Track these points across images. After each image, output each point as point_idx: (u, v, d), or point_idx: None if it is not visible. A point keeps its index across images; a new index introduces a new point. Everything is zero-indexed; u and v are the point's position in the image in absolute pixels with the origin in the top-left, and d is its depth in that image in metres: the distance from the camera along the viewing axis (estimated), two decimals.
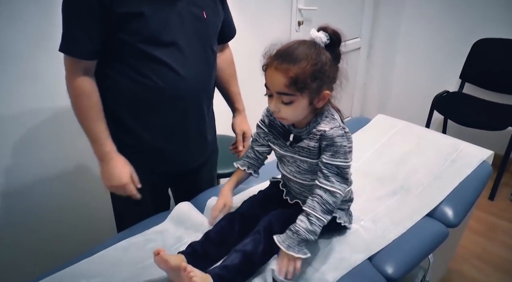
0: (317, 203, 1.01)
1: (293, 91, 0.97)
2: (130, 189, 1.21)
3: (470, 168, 1.51)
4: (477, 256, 2.13)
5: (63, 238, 1.78)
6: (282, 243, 1.00)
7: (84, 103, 1.13)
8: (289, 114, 1.02)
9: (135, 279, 1.03)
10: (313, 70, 0.96)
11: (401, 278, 1.14)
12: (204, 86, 1.27)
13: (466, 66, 2.81)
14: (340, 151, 1.02)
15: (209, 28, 1.23)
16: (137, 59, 1.12)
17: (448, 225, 1.33)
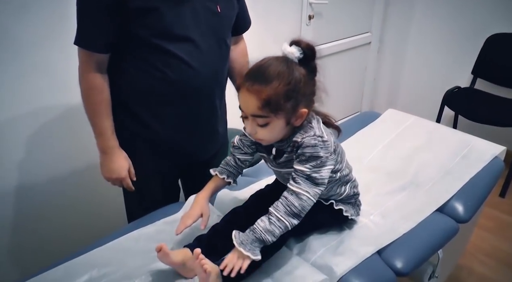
0: (281, 204, 0.97)
1: (267, 113, 0.93)
2: (127, 182, 1.28)
3: (482, 163, 1.50)
4: (487, 253, 2.12)
5: (76, 227, 1.80)
6: (237, 238, 0.96)
7: (94, 98, 1.17)
8: (266, 135, 0.99)
9: (146, 268, 1.04)
10: (286, 90, 0.92)
11: (410, 273, 1.13)
12: (217, 80, 1.28)
13: (478, 61, 2.78)
14: (309, 160, 0.97)
15: (223, 22, 1.23)
16: (151, 53, 1.14)
17: (459, 221, 1.32)
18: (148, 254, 1.08)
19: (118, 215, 1.56)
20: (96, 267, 1.04)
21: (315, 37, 2.63)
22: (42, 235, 1.74)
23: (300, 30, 2.48)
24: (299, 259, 1.09)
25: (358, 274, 1.05)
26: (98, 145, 1.23)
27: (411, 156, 1.57)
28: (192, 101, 1.23)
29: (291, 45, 0.94)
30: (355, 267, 1.06)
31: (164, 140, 1.28)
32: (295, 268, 1.05)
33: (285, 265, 1.06)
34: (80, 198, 1.81)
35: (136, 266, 1.05)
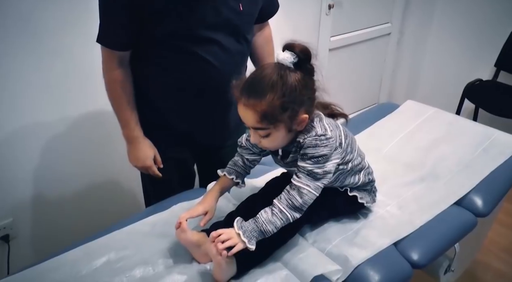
0: (284, 197, 0.98)
1: (267, 125, 0.94)
2: (153, 170, 1.31)
3: (503, 157, 1.46)
4: (505, 249, 2.09)
5: (96, 212, 1.84)
6: (238, 223, 0.97)
7: (117, 92, 1.21)
8: (270, 144, 1.00)
9: (162, 252, 1.05)
10: (282, 102, 0.91)
11: (426, 265, 1.13)
12: (235, 74, 1.26)
13: (502, 53, 2.70)
14: (311, 158, 0.97)
15: (244, 19, 1.23)
16: (174, 54, 1.17)
17: (477, 214, 1.30)
18: (164, 239, 1.10)
19: (138, 192, 1.58)
20: (114, 250, 1.06)
21: (335, 27, 2.59)
22: (62, 219, 1.78)
23: (320, 20, 2.45)
24: (313, 248, 1.09)
25: (374, 265, 1.04)
26: (124, 135, 1.28)
27: (430, 147, 1.55)
28: (210, 97, 1.26)
29: (284, 50, 0.93)
30: (370, 258, 1.06)
31: (180, 131, 1.33)
32: (308, 256, 1.05)
33: (298, 252, 1.06)
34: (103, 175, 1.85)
35: (152, 250, 1.06)
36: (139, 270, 1.00)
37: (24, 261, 1.11)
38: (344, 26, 2.68)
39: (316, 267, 1.01)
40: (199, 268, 1.02)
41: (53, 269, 1.00)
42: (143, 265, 1.01)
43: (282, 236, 1.04)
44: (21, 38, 1.44)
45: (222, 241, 0.93)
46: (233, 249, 0.93)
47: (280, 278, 1.00)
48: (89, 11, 1.51)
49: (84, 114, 1.69)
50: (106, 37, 1.15)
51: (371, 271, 1.03)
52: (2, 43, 1.41)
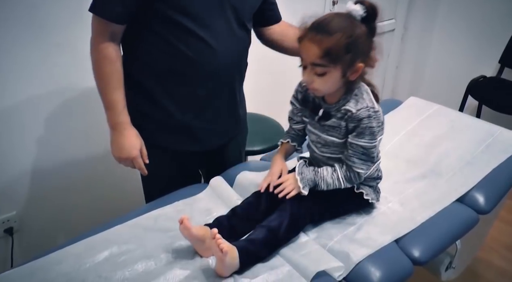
0: (344, 170, 1.08)
1: (327, 62, 0.98)
2: (138, 163, 1.20)
3: (506, 154, 1.46)
4: (507, 246, 2.09)
5: (100, 204, 1.85)
6: (300, 166, 1.08)
7: (106, 69, 1.12)
8: (322, 85, 1.02)
9: (164, 247, 1.06)
10: (347, 42, 0.96)
11: (427, 262, 1.13)
12: (236, 62, 1.26)
13: (507, 50, 2.69)
14: (365, 132, 1.03)
15: (245, 5, 1.20)
16: (170, 30, 1.11)
17: (479, 212, 1.29)
18: (166, 234, 1.10)
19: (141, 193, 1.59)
20: (116, 244, 1.06)
21: None
22: (65, 212, 1.79)
23: None
24: (315, 244, 1.09)
25: (375, 262, 1.04)
26: (108, 121, 1.17)
27: (433, 144, 1.54)
28: (210, 83, 1.20)
29: (356, 3, 0.99)
30: (371, 254, 1.06)
31: (180, 124, 1.24)
32: (311, 253, 1.05)
33: (300, 249, 1.06)
34: (103, 175, 1.85)
35: (154, 245, 1.07)
36: (141, 265, 1.00)
37: (27, 254, 1.11)
38: None
39: (318, 264, 1.01)
40: (201, 262, 1.03)
41: (56, 262, 1.01)
42: (145, 259, 1.02)
43: (286, 235, 1.06)
44: (27, 31, 1.44)
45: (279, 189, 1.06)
46: (290, 195, 1.05)
47: (282, 274, 1.00)
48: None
49: (89, 108, 1.69)
50: (101, 6, 1.06)
51: (372, 268, 1.03)
52: (9, 35, 1.40)
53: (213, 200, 1.25)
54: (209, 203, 1.24)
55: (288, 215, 1.06)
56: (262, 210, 1.13)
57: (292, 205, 1.08)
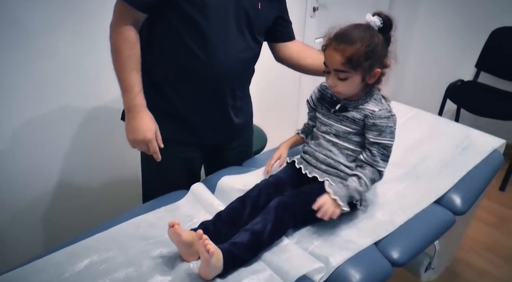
0: (368, 172, 1.15)
1: (348, 68, 1.10)
2: (153, 146, 1.19)
3: (481, 156, 1.50)
4: (486, 246, 2.13)
5: (83, 213, 1.84)
6: (330, 187, 1.13)
7: (126, 51, 1.14)
8: (344, 89, 1.15)
9: (145, 253, 1.06)
10: (367, 51, 1.08)
11: (406, 264, 1.15)
12: (240, 68, 1.31)
13: (482, 55, 2.77)
14: (386, 131, 1.14)
15: (259, 18, 1.26)
16: (187, 28, 1.16)
17: (455, 212, 1.33)
18: (147, 241, 1.10)
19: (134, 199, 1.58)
20: (97, 252, 1.06)
21: (320, 29, 2.61)
22: (47, 221, 1.77)
23: (305, 22, 2.47)
24: (296, 247, 1.11)
25: (354, 265, 1.06)
26: (125, 103, 1.18)
27: (412, 147, 1.58)
28: (212, 84, 1.26)
29: (373, 15, 1.12)
30: (351, 257, 1.07)
31: (181, 117, 1.30)
32: (291, 257, 1.06)
33: (282, 252, 1.08)
34: (88, 184, 1.85)
35: (135, 252, 1.07)
36: (122, 272, 1.00)
37: (6, 264, 1.10)
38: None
39: (299, 268, 1.02)
40: (183, 268, 1.03)
41: (36, 271, 1.00)
42: (126, 266, 1.02)
43: (270, 238, 1.08)
44: (7, 38, 1.43)
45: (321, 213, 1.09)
46: (334, 216, 1.09)
47: (264, 279, 1.01)
48: (77, 11, 1.53)
49: (70, 113, 1.68)
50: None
51: (351, 270, 1.05)
52: None
53: (195, 206, 1.26)
54: (191, 210, 1.25)
55: (272, 219, 1.08)
56: (247, 214, 1.15)
57: (277, 209, 1.10)
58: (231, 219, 1.13)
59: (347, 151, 1.21)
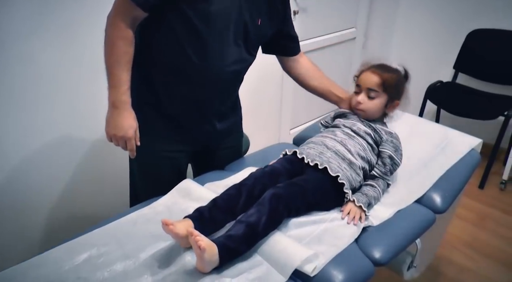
0: (380, 184, 1.31)
1: (380, 89, 1.35)
2: (131, 144, 1.22)
3: (458, 155, 1.54)
4: (467, 243, 2.18)
5: (78, 213, 1.84)
6: (358, 196, 1.24)
7: (121, 48, 1.15)
8: (370, 107, 1.38)
9: (143, 248, 1.08)
10: (397, 81, 1.38)
11: (388, 263, 1.17)
12: (232, 78, 1.34)
13: (460, 56, 2.83)
14: (399, 151, 1.37)
15: (257, 34, 1.29)
16: (187, 33, 1.17)
17: (435, 211, 1.35)
18: (145, 236, 1.12)
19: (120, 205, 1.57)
20: (95, 246, 1.08)
21: (301, 32, 2.63)
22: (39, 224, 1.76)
23: None
24: (290, 239, 1.11)
25: (336, 265, 1.07)
26: (110, 98, 1.18)
27: None
28: (203, 91, 1.29)
29: (399, 65, 1.44)
30: (333, 258, 1.08)
31: (169, 115, 1.32)
32: (286, 248, 1.07)
33: (277, 244, 1.09)
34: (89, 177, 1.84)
35: (134, 246, 1.08)
36: (120, 265, 1.02)
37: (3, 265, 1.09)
38: (310, 31, 2.73)
39: (294, 259, 1.03)
40: (181, 261, 1.05)
41: (35, 266, 1.01)
42: (124, 259, 1.04)
43: (265, 230, 1.09)
44: None
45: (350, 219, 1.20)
46: (362, 220, 1.21)
47: (261, 272, 1.03)
48: (54, 15, 1.52)
49: (51, 119, 1.67)
50: None
51: (334, 271, 1.05)
52: None
53: (188, 199, 1.27)
54: (185, 202, 1.26)
55: (266, 211, 1.09)
56: (242, 202, 1.17)
57: (271, 200, 1.12)
58: (226, 206, 1.15)
59: (359, 147, 1.33)
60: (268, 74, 2.52)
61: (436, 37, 2.99)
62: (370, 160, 1.36)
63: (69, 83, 1.64)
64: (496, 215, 2.39)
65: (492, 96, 2.71)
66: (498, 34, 2.69)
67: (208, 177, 1.42)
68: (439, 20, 2.94)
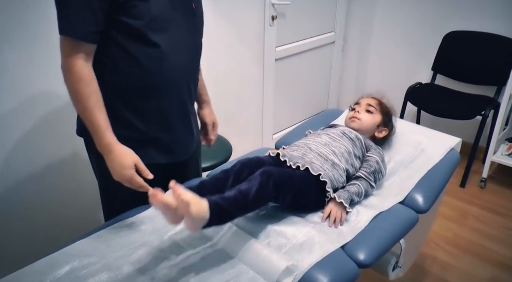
0: (364, 183, 1.34)
1: (378, 109, 1.56)
2: (136, 182, 1.14)
3: (439, 155, 1.56)
4: (449, 241, 2.21)
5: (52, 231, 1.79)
6: (339, 193, 1.26)
7: (84, 90, 1.08)
8: (366, 118, 1.54)
9: (126, 258, 1.07)
10: (388, 110, 1.60)
11: (373, 264, 1.17)
12: (192, 74, 1.31)
13: (437, 58, 2.89)
14: (384, 163, 1.45)
15: (196, 18, 1.27)
16: (135, 44, 1.12)
17: (418, 211, 1.37)
18: (128, 246, 1.11)
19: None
20: (77, 258, 1.06)
21: (279, 37, 2.66)
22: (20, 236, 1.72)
23: (264, 31, 2.50)
24: (269, 249, 1.11)
25: (321, 268, 1.07)
26: (96, 145, 1.14)
27: None
28: (171, 96, 1.24)
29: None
30: (318, 261, 1.08)
31: (148, 138, 1.25)
32: (271, 254, 1.07)
33: (260, 251, 1.09)
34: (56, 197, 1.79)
35: (116, 257, 1.07)
36: (103, 276, 1.00)
37: None
38: (289, 36, 2.75)
39: (278, 267, 1.03)
40: (163, 271, 1.04)
41: (16, 281, 0.99)
42: (107, 271, 1.02)
43: (255, 200, 1.10)
44: None
45: (331, 221, 1.22)
46: (343, 219, 1.23)
47: (248, 279, 1.03)
48: (24, 23, 1.48)
49: (40, 132, 1.63)
50: (74, 26, 1.04)
51: (319, 275, 1.05)
52: None
53: None
54: None
55: (257, 183, 1.11)
56: (230, 184, 1.19)
57: (262, 175, 1.13)
58: (214, 188, 1.17)
59: (344, 148, 1.38)
60: (248, 79, 2.52)
61: (414, 39, 3.04)
62: (354, 164, 1.38)
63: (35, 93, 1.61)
64: (477, 212, 2.44)
65: (469, 97, 2.76)
66: (473, 35, 2.76)
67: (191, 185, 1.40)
68: (415, 23, 2.99)
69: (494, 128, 2.53)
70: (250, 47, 2.46)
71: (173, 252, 1.09)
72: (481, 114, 2.52)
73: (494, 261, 2.07)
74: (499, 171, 2.81)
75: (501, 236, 2.24)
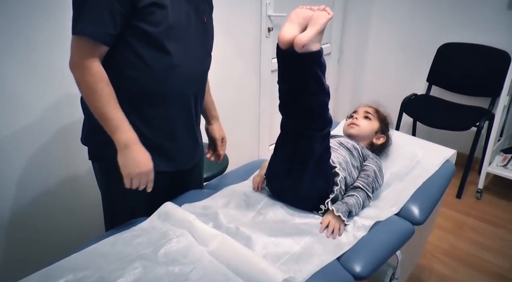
0: (362, 194, 1.35)
1: (375, 116, 1.61)
2: (151, 176, 1.20)
3: (434, 167, 1.57)
4: (446, 252, 2.21)
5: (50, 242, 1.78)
6: (337, 206, 1.28)
7: (105, 90, 1.11)
8: (364, 125, 1.59)
9: (120, 271, 1.05)
10: (386, 117, 1.65)
11: (369, 276, 1.17)
12: (200, 85, 1.33)
13: (432, 69, 2.91)
14: (382, 173, 1.47)
15: (207, 31, 1.30)
16: (148, 50, 1.14)
17: (414, 223, 1.37)
18: (123, 259, 1.09)
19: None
20: (72, 271, 1.04)
21: (275, 49, 2.67)
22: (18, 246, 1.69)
23: (260, 43, 2.52)
24: (266, 261, 1.09)
25: (317, 280, 1.07)
26: (118, 141, 1.14)
27: None
28: (179, 105, 1.25)
29: None
30: (314, 274, 1.08)
31: (154, 145, 1.24)
32: (267, 267, 1.06)
33: (255, 264, 1.07)
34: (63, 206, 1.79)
35: (111, 270, 1.06)
36: None
37: None
38: None
39: (276, 277, 1.01)
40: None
41: None
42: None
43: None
44: None
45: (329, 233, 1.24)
46: (341, 230, 1.25)
47: None
48: (24, 36, 1.49)
49: (42, 140, 1.63)
50: (92, 27, 1.05)
51: None
52: None
53: (168, 223, 1.25)
54: (165, 226, 1.23)
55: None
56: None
57: None
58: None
59: (342, 158, 1.41)
60: (245, 91, 2.54)
61: (409, 51, 3.07)
62: (351, 173, 1.40)
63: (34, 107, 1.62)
64: (473, 223, 2.44)
65: (464, 108, 2.78)
66: (467, 47, 2.79)
67: (189, 196, 1.40)
68: (410, 35, 3.03)
69: (489, 140, 2.54)
70: (247, 59, 2.47)
71: (168, 264, 1.09)
72: (476, 125, 2.54)
73: (490, 272, 2.06)
74: (495, 182, 2.81)
75: (497, 247, 2.24)
